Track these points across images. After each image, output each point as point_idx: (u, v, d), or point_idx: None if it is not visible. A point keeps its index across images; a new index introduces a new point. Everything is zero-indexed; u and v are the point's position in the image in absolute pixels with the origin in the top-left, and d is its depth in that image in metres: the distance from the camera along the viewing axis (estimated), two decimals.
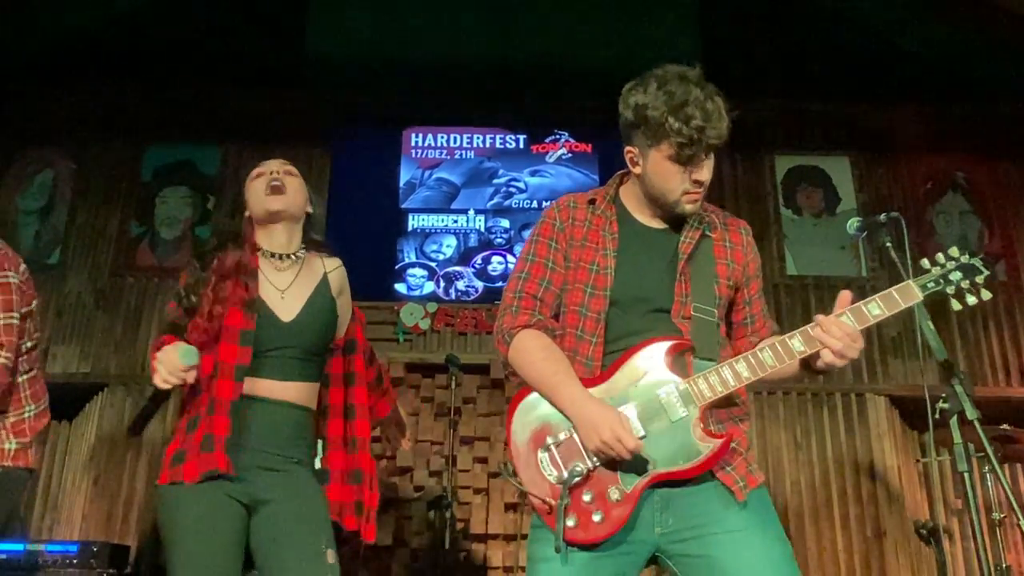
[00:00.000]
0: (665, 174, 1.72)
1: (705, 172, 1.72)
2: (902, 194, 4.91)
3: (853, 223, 2.09)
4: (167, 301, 2.21)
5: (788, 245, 4.83)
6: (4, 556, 3.11)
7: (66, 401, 4.54)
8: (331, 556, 1.95)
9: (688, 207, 1.76)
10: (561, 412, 1.66)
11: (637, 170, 1.78)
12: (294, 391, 2.07)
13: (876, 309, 1.67)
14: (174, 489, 1.93)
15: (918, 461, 4.43)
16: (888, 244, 1.96)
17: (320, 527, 1.99)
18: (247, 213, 2.19)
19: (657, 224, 1.83)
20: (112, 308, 4.63)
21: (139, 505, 4.22)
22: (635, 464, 1.61)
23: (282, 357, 2.05)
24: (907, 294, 1.69)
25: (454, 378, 3.72)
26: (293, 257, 2.17)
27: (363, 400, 2.22)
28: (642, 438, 1.62)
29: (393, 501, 4.19)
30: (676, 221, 1.82)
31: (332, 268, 2.23)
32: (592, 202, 1.85)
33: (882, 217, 1.98)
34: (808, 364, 1.72)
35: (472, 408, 4.38)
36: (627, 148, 1.78)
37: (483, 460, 4.28)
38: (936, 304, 1.74)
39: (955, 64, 4.98)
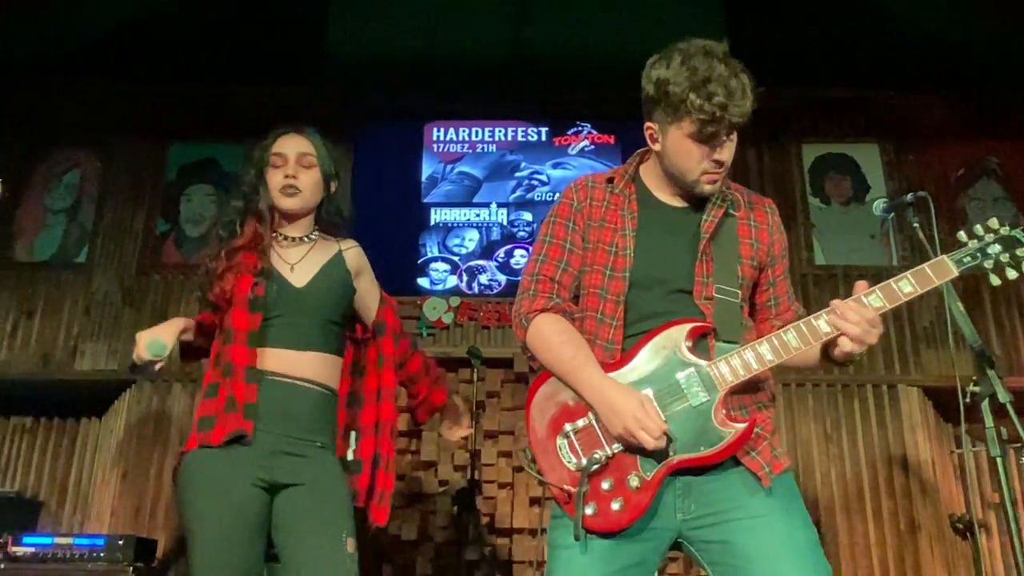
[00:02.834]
0: (685, 152, 1.67)
1: (726, 152, 1.67)
2: (933, 181, 4.79)
3: (879, 204, 2.05)
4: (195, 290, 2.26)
5: (816, 234, 4.74)
6: (33, 549, 3.14)
7: (95, 398, 4.60)
8: (351, 544, 1.94)
9: (707, 187, 1.71)
10: (581, 397, 1.62)
11: (657, 147, 1.73)
12: (312, 364, 2.05)
13: (908, 286, 1.61)
14: (198, 454, 1.94)
15: (952, 453, 4.33)
16: (916, 225, 1.90)
17: (341, 514, 1.98)
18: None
19: (678, 203, 1.78)
20: (139, 305, 4.67)
21: (166, 499, 4.25)
22: (655, 450, 1.57)
23: (296, 324, 2.05)
24: (941, 270, 1.61)
25: (476, 371, 3.70)
26: (306, 239, 2.19)
27: (391, 383, 2.20)
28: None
29: (418, 496, 4.18)
30: (698, 200, 1.77)
31: (347, 247, 2.24)
32: (611, 181, 1.81)
33: (909, 197, 1.92)
34: (828, 355, 1.67)
35: (496, 402, 4.36)
36: (647, 124, 1.73)
37: (507, 454, 4.26)
38: (970, 292, 1.67)
39: (985, 48, 4.85)
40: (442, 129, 4.98)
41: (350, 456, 2.11)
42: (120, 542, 3.21)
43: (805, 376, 4.33)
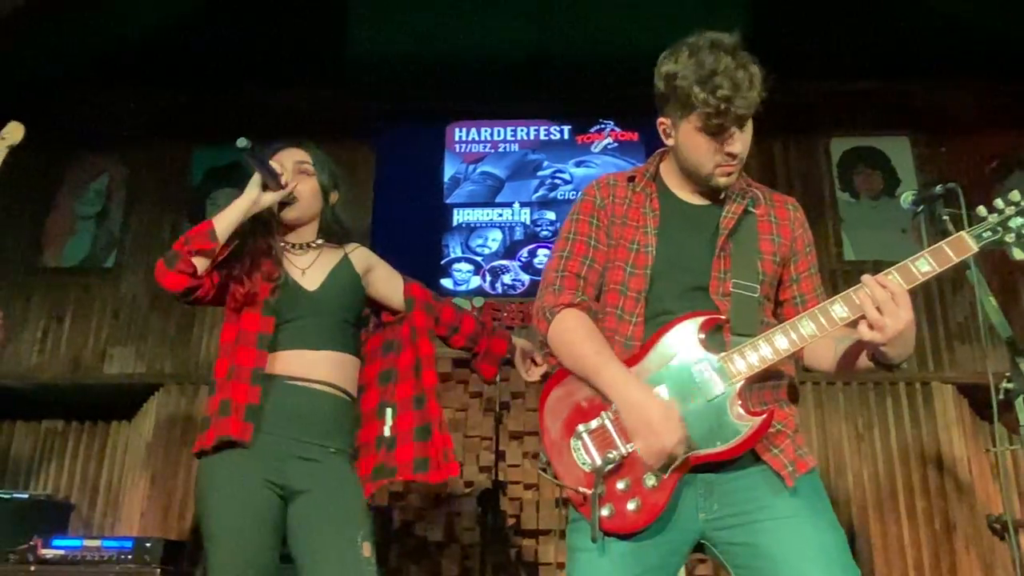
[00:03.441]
0: (696, 146, 1.65)
1: (738, 144, 1.64)
2: (965, 174, 4.68)
3: (907, 197, 1.98)
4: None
5: (845, 229, 4.65)
6: (62, 551, 3.18)
7: (124, 401, 4.66)
8: (367, 549, 1.92)
9: (722, 180, 1.69)
10: (602, 394, 1.59)
11: (670, 142, 1.72)
12: (327, 364, 2.05)
13: (926, 265, 1.53)
14: (212, 459, 1.96)
15: (988, 451, 4.22)
16: (946, 217, 1.85)
17: (357, 519, 1.97)
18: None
19: (699, 200, 1.76)
20: (166, 309, 4.71)
21: (194, 502, 4.29)
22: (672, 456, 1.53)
23: (310, 325, 2.07)
24: (960, 246, 1.54)
25: (500, 372, 3.66)
26: (312, 245, 2.22)
27: (429, 351, 2.19)
28: None
29: (443, 497, 4.17)
30: (718, 196, 1.75)
31: (352, 249, 2.26)
32: (632, 179, 1.80)
33: (938, 189, 1.87)
34: (860, 351, 1.62)
35: (521, 403, 4.33)
36: (659, 119, 1.72)
37: (533, 455, 4.23)
38: (1008, 288, 1.61)
39: (1018, 37, 4.73)
40: (464, 129, 4.97)
41: (387, 432, 2.10)
42: (148, 544, 3.24)
43: (836, 374, 4.25)
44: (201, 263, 1.99)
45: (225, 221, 2.02)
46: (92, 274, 4.79)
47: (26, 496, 3.93)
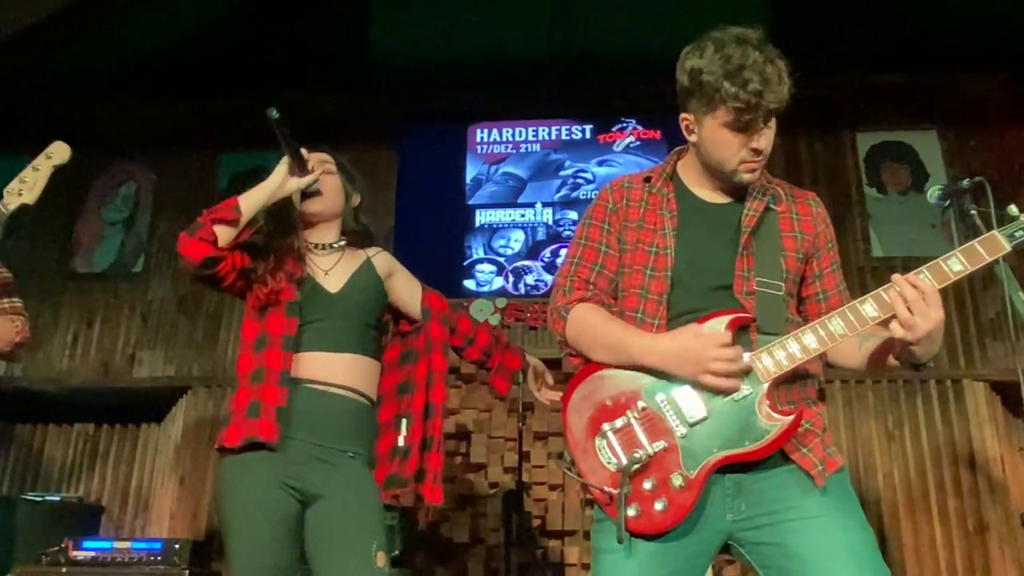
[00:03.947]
0: (721, 142, 1.63)
1: (763, 140, 1.62)
2: (996, 168, 4.60)
3: (934, 192, 1.94)
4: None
5: (873, 225, 4.59)
6: (93, 553, 3.22)
7: (153, 404, 4.72)
8: (381, 559, 1.93)
9: (746, 176, 1.66)
10: (639, 366, 1.59)
11: (693, 138, 1.69)
12: (348, 367, 2.06)
13: (957, 265, 1.51)
14: (232, 461, 1.97)
15: (1021, 449, 4.14)
16: (973, 212, 1.81)
17: (373, 527, 1.98)
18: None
19: (718, 198, 1.74)
20: (193, 313, 4.76)
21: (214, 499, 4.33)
22: (697, 448, 1.53)
23: (332, 328, 2.07)
24: (992, 245, 1.52)
25: (521, 373, 3.66)
26: (335, 246, 2.22)
27: (441, 366, 2.19)
28: (704, 420, 1.53)
29: (468, 498, 4.17)
30: (738, 194, 1.72)
31: (374, 253, 2.27)
32: (648, 180, 1.78)
33: (965, 183, 1.82)
34: (888, 350, 1.59)
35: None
36: (682, 115, 1.69)
37: (557, 455, 4.22)
38: None
39: None
40: (486, 130, 4.97)
41: (400, 443, 2.11)
42: (176, 546, 3.27)
43: (866, 372, 4.20)
44: (223, 233, 1.97)
45: (251, 199, 2.03)
46: (121, 279, 4.86)
47: (58, 499, 3.99)
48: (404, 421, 2.13)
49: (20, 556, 3.44)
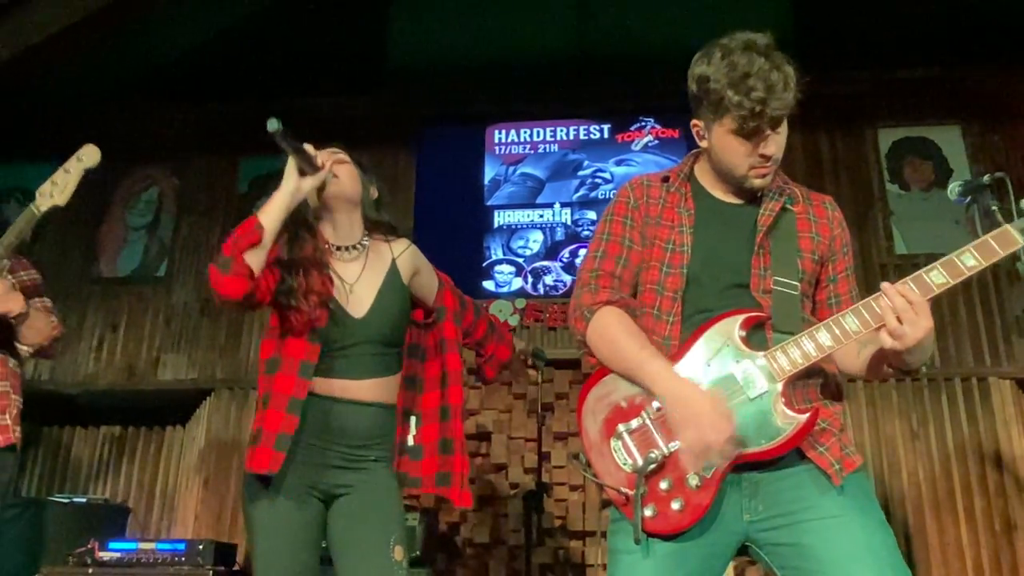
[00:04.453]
0: (729, 148, 1.63)
1: (772, 146, 1.62)
2: (1021, 162, 4.54)
3: (954, 188, 1.91)
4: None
5: (896, 222, 4.53)
6: (118, 554, 3.27)
7: (177, 406, 4.77)
8: (399, 553, 1.94)
9: (757, 182, 1.67)
10: (648, 390, 1.57)
11: (704, 144, 1.70)
12: (371, 389, 2.04)
13: (971, 260, 1.50)
14: (252, 477, 1.96)
15: None
16: (995, 208, 1.78)
17: (391, 523, 1.99)
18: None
19: (734, 199, 1.74)
20: (216, 316, 4.80)
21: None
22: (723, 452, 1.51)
23: (356, 355, 2.03)
24: (1005, 240, 1.50)
25: (541, 373, 3.67)
26: (358, 247, 2.13)
27: (456, 366, 2.15)
28: None
29: (489, 498, 4.18)
30: (754, 195, 1.72)
31: (400, 252, 2.17)
32: (666, 180, 1.79)
33: (985, 179, 1.79)
34: (883, 357, 1.57)
35: (565, 404, 4.32)
36: (693, 121, 1.70)
37: (573, 456, 4.21)
38: None
39: None
40: (503, 131, 4.97)
41: (411, 441, 2.08)
42: (200, 547, 3.30)
43: (865, 377, 4.15)
44: (255, 260, 1.85)
45: (269, 213, 1.89)
46: (145, 283, 4.92)
47: (85, 500, 4.05)
48: (413, 419, 2.10)
49: (49, 556, 3.50)
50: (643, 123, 4.84)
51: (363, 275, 2.10)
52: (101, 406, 4.82)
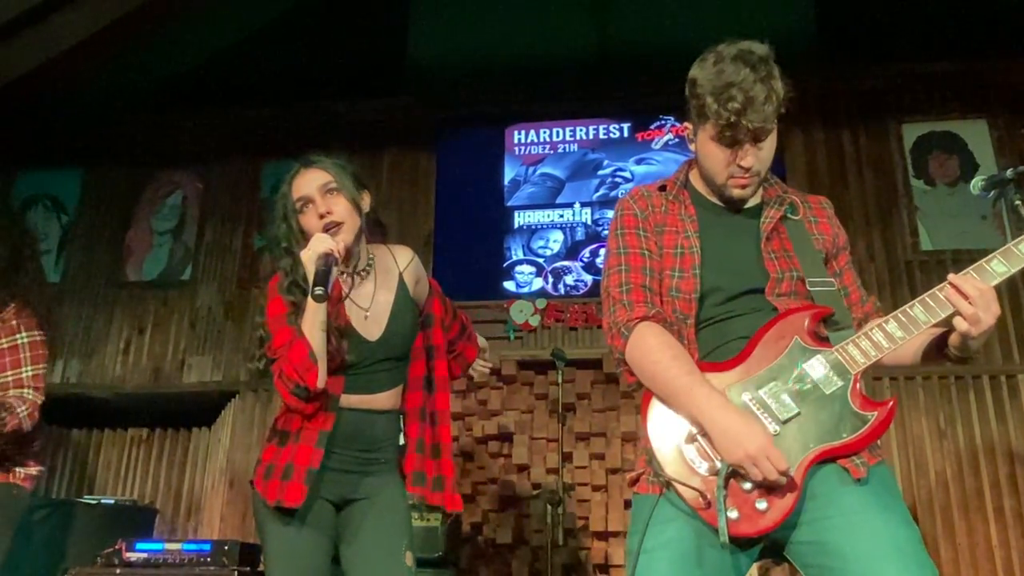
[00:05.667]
0: (711, 155, 1.67)
1: (750, 158, 1.64)
2: None
3: (977, 183, 1.90)
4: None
5: (921, 218, 4.47)
6: (145, 555, 3.30)
7: (203, 409, 4.81)
8: (410, 558, 1.98)
9: (736, 192, 1.70)
10: (690, 415, 1.55)
11: (692, 147, 1.74)
12: (385, 400, 2.10)
13: (1000, 266, 1.53)
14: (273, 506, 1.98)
15: None
16: (1019, 202, 1.76)
17: (402, 528, 2.03)
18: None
19: (733, 205, 1.77)
20: (240, 318, 4.85)
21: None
22: (791, 445, 1.51)
23: (370, 372, 2.07)
24: None
25: (561, 373, 3.67)
26: (368, 268, 2.13)
27: (444, 373, 2.21)
28: (796, 416, 1.53)
29: (511, 499, 4.18)
30: (755, 202, 1.77)
31: (405, 265, 2.18)
32: (663, 188, 1.81)
33: (1008, 173, 1.79)
34: (942, 350, 1.59)
35: (587, 404, 4.31)
36: (684, 123, 1.74)
37: (600, 456, 4.21)
38: None
39: None
40: (523, 132, 4.97)
41: (400, 441, 2.14)
42: (226, 547, 3.32)
43: (916, 368, 4.09)
44: (321, 375, 1.91)
45: (315, 339, 1.90)
46: (170, 287, 4.98)
47: (112, 502, 4.09)
48: (400, 417, 2.16)
49: (77, 557, 3.55)
50: (663, 121, 4.82)
51: (376, 296, 2.10)
52: (128, 408, 4.88)
